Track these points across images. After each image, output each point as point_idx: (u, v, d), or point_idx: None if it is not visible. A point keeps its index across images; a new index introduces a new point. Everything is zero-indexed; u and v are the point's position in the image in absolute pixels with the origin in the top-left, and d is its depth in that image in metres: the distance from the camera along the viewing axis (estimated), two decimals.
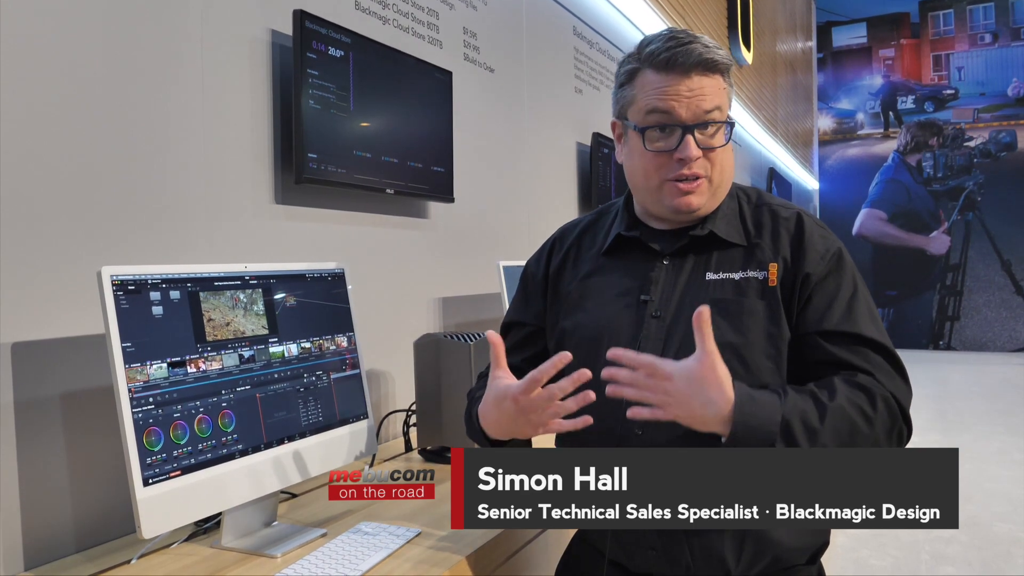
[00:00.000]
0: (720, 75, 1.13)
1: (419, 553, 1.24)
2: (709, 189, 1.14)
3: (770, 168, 8.66)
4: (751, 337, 1.09)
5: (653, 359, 0.99)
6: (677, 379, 0.98)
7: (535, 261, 1.35)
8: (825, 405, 1.02)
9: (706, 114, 1.11)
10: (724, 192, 1.18)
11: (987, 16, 10.86)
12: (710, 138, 1.12)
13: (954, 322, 10.92)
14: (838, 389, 1.04)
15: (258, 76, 1.77)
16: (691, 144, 1.10)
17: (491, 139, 2.83)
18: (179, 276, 1.23)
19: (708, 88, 1.11)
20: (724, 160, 1.15)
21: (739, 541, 1.09)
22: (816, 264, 1.11)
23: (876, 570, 3.27)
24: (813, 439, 1.00)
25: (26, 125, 1.27)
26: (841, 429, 1.02)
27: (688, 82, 1.10)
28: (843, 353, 1.09)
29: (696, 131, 1.11)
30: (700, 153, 1.11)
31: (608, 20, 4.08)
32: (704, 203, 1.15)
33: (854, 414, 1.03)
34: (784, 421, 1.00)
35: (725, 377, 0.99)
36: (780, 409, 1.00)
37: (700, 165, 1.12)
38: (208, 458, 1.22)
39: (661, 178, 1.14)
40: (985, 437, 5.59)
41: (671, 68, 1.11)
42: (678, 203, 1.14)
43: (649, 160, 1.14)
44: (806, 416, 1.01)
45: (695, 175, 1.12)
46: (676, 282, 1.16)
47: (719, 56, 1.11)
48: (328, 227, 1.99)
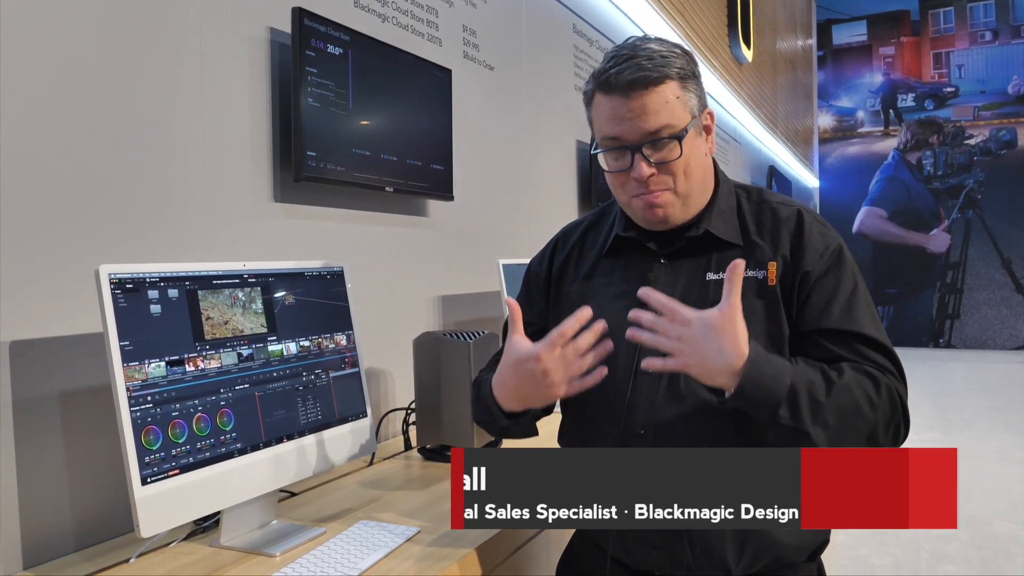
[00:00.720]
0: (668, 84, 1.09)
1: (418, 552, 1.24)
2: (677, 199, 1.13)
3: (770, 166, 8.66)
4: (751, 336, 1.09)
5: (676, 304, 1.01)
6: (695, 325, 0.99)
7: (538, 261, 1.35)
8: (833, 382, 1.03)
9: (651, 133, 1.09)
10: (701, 195, 1.17)
11: (987, 14, 10.85)
12: (662, 152, 1.11)
13: (954, 320, 10.92)
14: (846, 371, 1.05)
15: (257, 74, 1.76)
16: (640, 165, 1.10)
17: (491, 137, 2.83)
18: (177, 274, 1.23)
19: (652, 104, 1.08)
20: (689, 167, 1.12)
21: (740, 540, 1.09)
22: (815, 262, 1.11)
23: (876, 568, 3.27)
24: (816, 410, 1.00)
25: (24, 123, 1.27)
26: (844, 407, 1.02)
27: (629, 103, 1.09)
28: (843, 352, 1.09)
29: (645, 149, 1.10)
30: (651, 171, 1.10)
31: (608, 18, 4.07)
32: (676, 213, 1.14)
33: (859, 396, 1.03)
34: (792, 387, 1.00)
35: (743, 331, 1.00)
36: (791, 374, 1.01)
37: (658, 181, 1.12)
38: (207, 457, 1.21)
39: (627, 196, 1.16)
40: (985, 435, 5.59)
41: (612, 90, 1.10)
42: (647, 216, 1.15)
43: (613, 180, 1.17)
44: (813, 387, 1.01)
45: (655, 190, 1.12)
46: (675, 283, 1.16)
47: (656, 71, 1.08)
48: (327, 225, 1.99)
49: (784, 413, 0.99)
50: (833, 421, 1.01)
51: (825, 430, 1.01)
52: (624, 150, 1.12)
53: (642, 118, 1.09)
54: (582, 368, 1.06)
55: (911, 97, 11.35)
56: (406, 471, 1.75)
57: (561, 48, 3.48)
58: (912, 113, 11.34)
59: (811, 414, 1.00)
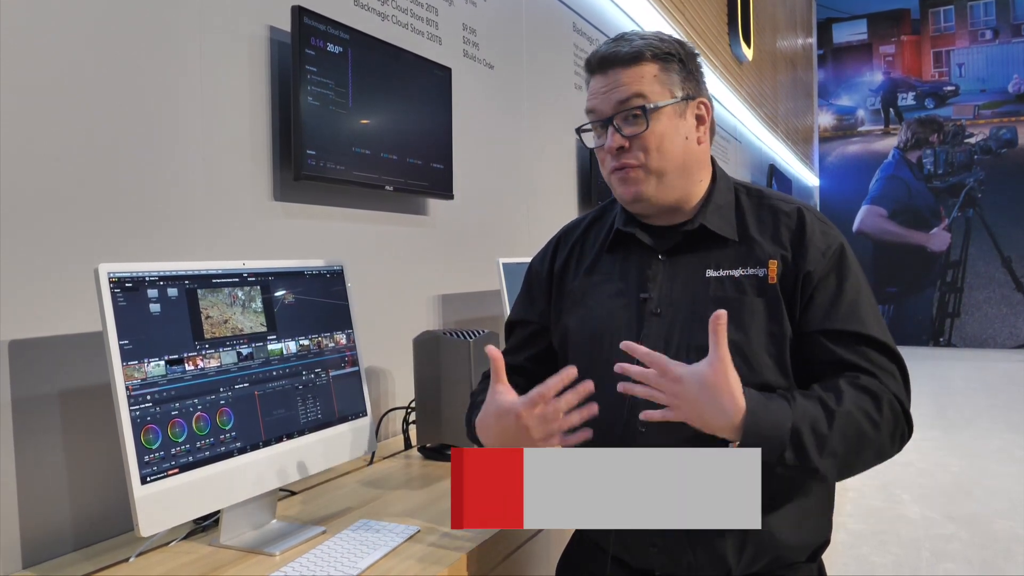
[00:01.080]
0: (645, 64, 1.13)
1: (418, 551, 1.24)
2: (648, 176, 1.14)
3: (770, 165, 8.65)
4: (752, 335, 1.09)
5: (664, 359, 0.99)
6: (687, 383, 0.97)
7: (539, 260, 1.35)
8: (833, 411, 1.01)
9: (619, 104, 1.13)
10: (677, 177, 1.15)
11: (988, 12, 10.85)
12: (632, 126, 1.13)
13: (954, 319, 10.92)
14: (845, 393, 1.03)
15: (256, 73, 1.76)
16: (609, 134, 1.14)
17: (491, 136, 2.83)
18: (177, 273, 1.23)
19: (626, 78, 1.13)
20: (659, 144, 1.13)
21: (740, 539, 1.09)
22: (817, 262, 1.10)
23: (877, 567, 3.27)
24: (822, 445, 1.00)
25: (23, 122, 1.27)
26: (849, 434, 1.01)
27: (604, 79, 1.15)
28: (846, 354, 1.08)
29: (616, 120, 1.13)
30: (622, 142, 1.13)
31: (608, 17, 4.07)
32: (648, 190, 1.14)
33: (861, 419, 1.02)
34: (794, 428, 0.99)
35: (736, 384, 0.98)
36: (791, 416, 0.99)
37: (631, 155, 1.14)
38: (206, 456, 1.21)
39: (607, 173, 1.18)
40: (985, 434, 5.59)
41: (594, 70, 1.17)
42: (621, 192, 1.17)
43: (598, 157, 1.20)
44: (816, 423, 1.00)
45: (624, 165, 1.14)
46: (675, 279, 1.15)
47: (628, 48, 1.13)
48: (327, 224, 1.99)
49: (789, 456, 0.99)
50: (840, 450, 1.01)
51: (833, 460, 1.01)
52: (600, 125, 1.16)
53: (614, 90, 1.13)
54: (563, 427, 1.04)
55: (911, 96, 11.35)
56: (406, 470, 1.75)
57: (561, 47, 3.48)
58: (912, 112, 11.34)
59: (817, 450, 1.00)
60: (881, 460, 1.07)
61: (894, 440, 1.06)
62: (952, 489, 4.31)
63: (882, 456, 1.06)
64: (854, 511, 3.96)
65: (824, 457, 1.00)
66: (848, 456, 1.02)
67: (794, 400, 1.02)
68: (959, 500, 4.11)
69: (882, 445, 1.05)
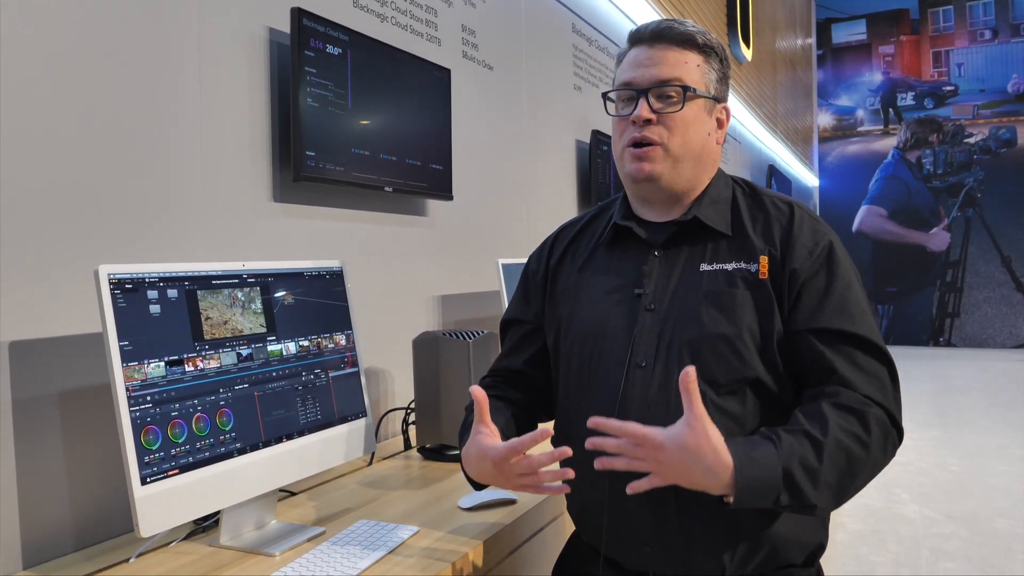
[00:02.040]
0: (691, 51, 1.15)
1: (417, 551, 1.24)
2: (666, 157, 1.14)
3: (770, 165, 8.66)
4: (743, 328, 1.08)
5: (638, 428, 0.94)
6: (669, 448, 0.93)
7: (536, 258, 1.35)
8: (821, 442, 0.99)
9: (661, 81, 1.13)
10: (694, 168, 1.16)
11: (987, 12, 10.85)
12: (666, 104, 1.14)
13: (954, 318, 10.92)
14: (829, 420, 1.01)
15: (256, 74, 1.77)
16: (642, 105, 1.13)
17: (490, 137, 2.83)
18: (176, 274, 1.23)
19: (670, 58, 1.14)
20: (685, 129, 1.14)
21: (734, 538, 1.09)
22: (803, 260, 1.10)
23: (876, 567, 3.27)
24: (815, 479, 0.99)
25: (23, 123, 1.27)
26: (839, 461, 1.00)
27: (649, 51, 1.15)
28: (832, 356, 1.06)
29: (650, 95, 1.13)
30: (650, 116, 1.13)
31: (607, 17, 4.07)
32: (663, 172, 1.14)
33: (849, 443, 1.01)
34: (785, 472, 0.97)
35: (718, 441, 0.95)
36: (779, 461, 0.97)
37: (654, 131, 1.13)
38: (206, 457, 1.22)
39: (623, 144, 1.17)
40: (985, 433, 5.59)
41: (639, 41, 1.17)
42: (632, 169, 1.16)
43: (615, 128, 1.19)
44: (805, 460, 0.99)
45: (646, 139, 1.14)
46: (670, 275, 1.16)
47: (682, 30, 1.14)
48: (326, 225, 1.99)
49: (785, 498, 0.98)
50: (834, 480, 1.00)
51: (829, 491, 1.00)
52: (633, 95, 1.15)
53: (657, 66, 1.14)
54: (537, 483, 1.04)
55: (911, 96, 11.35)
56: (405, 471, 1.75)
57: (560, 48, 3.48)
58: (912, 112, 11.34)
59: (811, 486, 0.98)
60: (874, 475, 1.06)
61: (886, 452, 1.05)
62: (952, 488, 4.32)
63: (876, 471, 1.05)
64: (853, 511, 3.96)
65: (819, 491, 0.99)
66: (843, 483, 1.01)
67: (779, 440, 0.99)
68: (959, 499, 4.12)
69: (875, 462, 1.04)
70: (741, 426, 1.07)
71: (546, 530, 1.54)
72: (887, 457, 1.06)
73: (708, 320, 1.09)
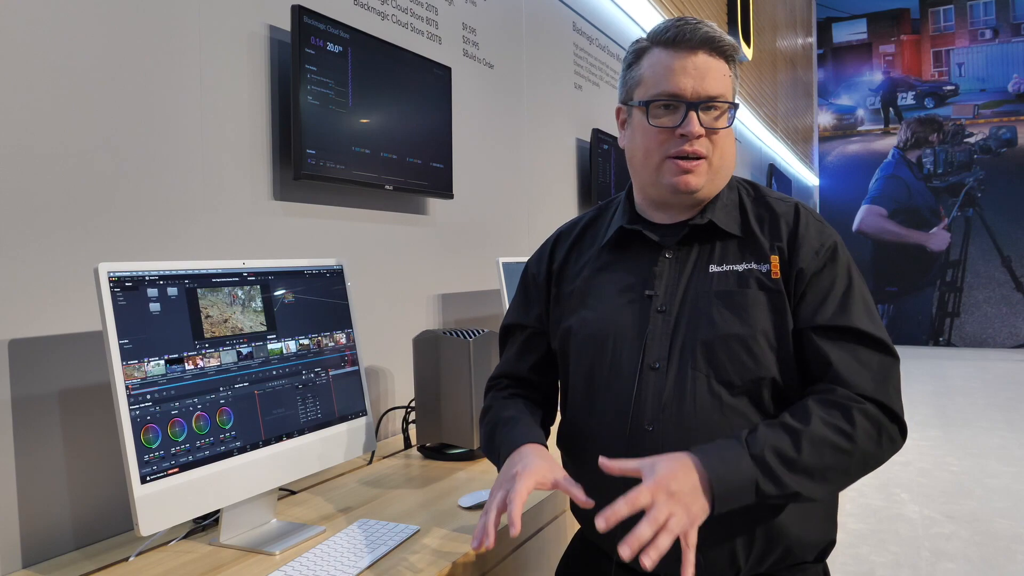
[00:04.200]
0: (725, 61, 1.14)
1: (418, 550, 1.24)
2: (709, 171, 1.14)
3: (770, 164, 8.65)
4: (756, 328, 1.08)
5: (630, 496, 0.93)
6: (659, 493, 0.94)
7: (536, 262, 1.34)
8: (799, 432, 1.00)
9: (711, 97, 1.12)
10: (724, 178, 1.18)
11: (988, 12, 10.84)
12: (714, 119, 1.13)
13: (954, 318, 10.92)
14: (812, 412, 1.02)
15: (256, 72, 1.76)
16: (694, 120, 1.11)
17: (490, 135, 2.83)
18: (177, 273, 1.23)
19: (716, 70, 1.12)
20: (726, 144, 1.15)
21: (749, 536, 1.08)
22: (810, 259, 1.10)
23: (876, 566, 3.27)
24: (792, 467, 0.99)
25: (22, 120, 1.27)
26: (822, 451, 1.00)
27: (694, 59, 1.12)
28: (830, 350, 1.07)
29: (700, 109, 1.11)
30: (703, 131, 1.11)
31: (608, 16, 4.07)
32: (703, 185, 1.14)
33: (830, 433, 1.01)
34: (756, 458, 0.98)
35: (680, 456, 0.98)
36: (746, 451, 0.99)
37: (702, 144, 1.12)
38: (206, 455, 1.21)
39: (662, 155, 1.14)
40: (985, 433, 5.59)
41: (678, 45, 1.12)
42: (677, 181, 1.13)
43: (652, 136, 1.14)
44: (780, 448, 0.99)
45: (696, 153, 1.12)
46: (680, 275, 1.15)
47: (726, 39, 1.13)
48: (327, 223, 1.99)
49: (765, 485, 0.98)
50: (814, 466, 1.00)
51: (809, 477, 1.00)
52: (680, 104, 1.12)
53: (707, 79, 1.11)
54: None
55: (911, 95, 11.35)
56: (406, 470, 1.75)
57: (561, 46, 3.48)
58: (912, 111, 11.34)
59: (787, 471, 0.98)
60: (870, 467, 1.05)
61: (879, 444, 1.04)
62: (952, 488, 4.32)
63: (868, 463, 1.05)
64: (854, 510, 3.96)
65: (798, 476, 0.99)
66: (826, 471, 1.01)
67: (751, 433, 1.01)
68: (959, 499, 4.12)
69: (864, 454, 1.03)
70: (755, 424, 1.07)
71: (547, 529, 1.54)
72: (882, 450, 1.05)
73: (720, 321, 1.08)
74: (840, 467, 1.02)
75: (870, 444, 1.03)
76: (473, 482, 1.62)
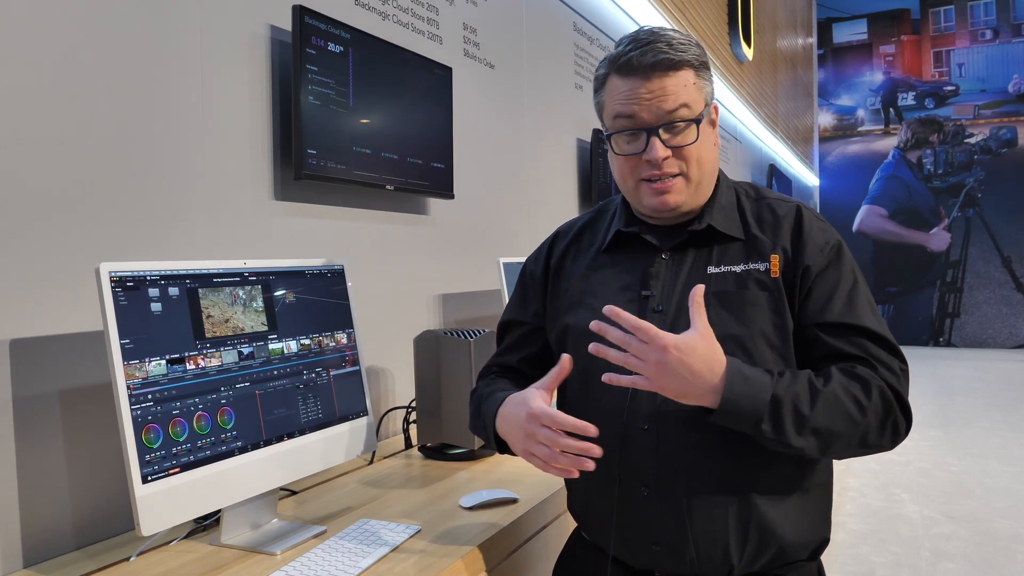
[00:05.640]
0: (686, 70, 1.11)
1: (419, 550, 1.24)
2: (688, 186, 1.13)
3: (770, 164, 8.65)
4: (754, 328, 1.09)
5: (651, 328, 0.98)
6: (674, 351, 0.97)
7: (534, 260, 1.35)
8: (818, 391, 1.02)
9: (669, 114, 1.10)
10: (709, 186, 1.17)
11: (988, 12, 10.84)
12: (678, 136, 1.12)
13: (954, 319, 10.92)
14: (834, 377, 1.04)
15: (257, 72, 1.76)
16: (656, 145, 1.10)
17: (491, 136, 2.83)
18: (178, 272, 1.23)
19: (670, 87, 1.10)
20: (701, 155, 1.13)
21: (743, 535, 1.09)
22: (816, 256, 1.11)
23: (876, 566, 3.27)
24: (801, 424, 1.00)
25: (23, 120, 1.27)
26: (833, 414, 1.01)
27: (648, 84, 1.10)
28: (843, 345, 1.08)
29: (661, 131, 1.10)
30: (667, 153, 1.11)
31: (608, 16, 4.07)
32: (684, 200, 1.14)
33: (846, 400, 1.02)
34: (774, 399, 1.00)
35: (721, 353, 1.01)
36: (771, 388, 1.01)
37: (672, 164, 1.12)
38: (207, 455, 1.21)
39: (636, 179, 1.15)
40: (985, 433, 5.59)
41: (631, 72, 1.11)
42: (655, 202, 1.14)
43: (623, 163, 1.16)
44: (797, 399, 1.01)
45: (666, 175, 1.12)
46: (677, 276, 1.16)
47: (677, 55, 1.09)
48: (328, 223, 1.99)
49: (767, 427, 1.00)
50: (823, 428, 1.01)
51: (816, 438, 1.01)
52: (639, 132, 1.12)
53: (661, 99, 1.10)
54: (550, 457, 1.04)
55: (911, 96, 11.35)
56: (406, 470, 1.75)
57: (562, 46, 3.48)
58: (912, 112, 11.33)
59: (795, 426, 1.00)
60: (868, 447, 1.06)
61: (884, 428, 1.05)
62: (952, 488, 4.32)
63: (867, 442, 1.05)
64: (854, 510, 3.96)
65: (801, 435, 1.01)
66: (830, 436, 1.02)
67: (780, 375, 1.03)
68: (959, 499, 4.12)
69: (867, 429, 1.04)
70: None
71: (547, 529, 1.54)
72: (885, 435, 1.06)
73: (717, 321, 1.08)
74: (844, 436, 1.03)
75: (876, 423, 1.05)
76: (474, 482, 1.63)
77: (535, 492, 1.52)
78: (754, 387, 1.00)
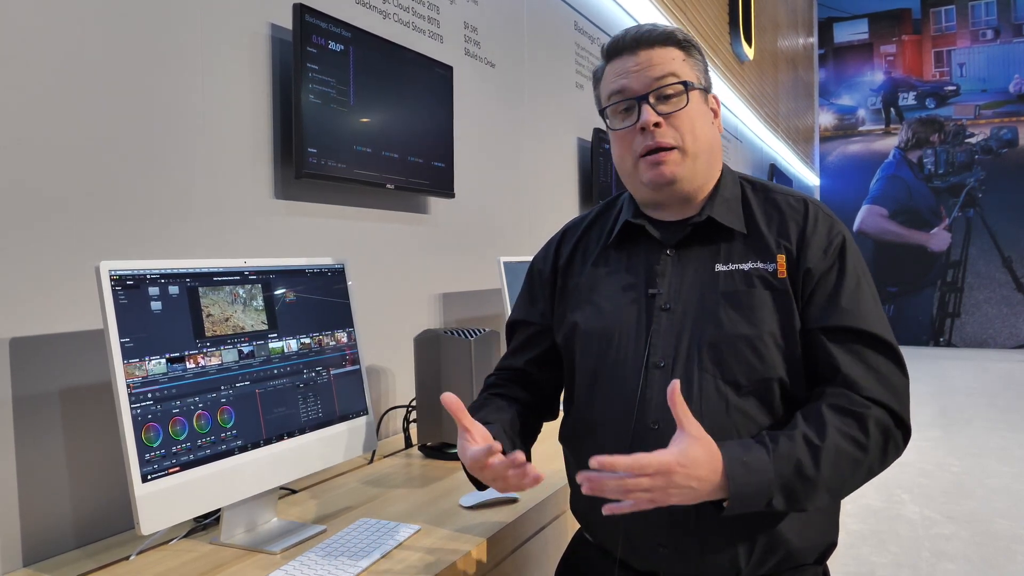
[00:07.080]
0: (672, 47, 1.14)
1: (418, 549, 1.24)
2: (684, 158, 1.13)
3: (771, 164, 8.65)
4: (763, 329, 1.08)
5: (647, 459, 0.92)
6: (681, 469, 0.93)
7: (542, 259, 1.33)
8: (818, 448, 1.00)
9: (656, 80, 1.12)
10: (707, 163, 1.16)
11: (989, 12, 10.84)
12: (669, 104, 1.13)
13: (954, 319, 10.91)
14: (828, 423, 1.02)
15: (258, 70, 1.76)
16: (647, 110, 1.12)
17: (492, 134, 2.82)
18: (178, 271, 1.23)
19: (657, 58, 1.13)
20: (696, 126, 1.13)
21: (750, 538, 1.08)
22: (818, 259, 1.10)
23: (876, 567, 3.27)
24: (810, 488, 1.00)
25: (24, 119, 1.27)
26: (838, 464, 1.01)
27: (635, 57, 1.14)
28: (839, 353, 1.06)
29: (651, 98, 1.12)
30: (658, 118, 1.11)
31: (609, 15, 4.06)
32: (682, 173, 1.13)
33: (847, 445, 1.01)
34: (778, 476, 0.98)
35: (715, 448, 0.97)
36: (771, 464, 0.98)
37: (666, 134, 1.12)
38: (207, 454, 1.21)
39: (634, 156, 1.15)
40: (986, 433, 5.59)
41: (619, 52, 1.16)
42: (652, 176, 1.13)
43: (620, 141, 1.17)
44: (800, 466, 0.99)
45: (662, 145, 1.12)
46: (684, 274, 1.15)
47: (659, 30, 1.15)
48: (328, 222, 1.99)
49: (779, 503, 0.99)
50: (832, 484, 1.01)
51: (828, 493, 1.01)
52: (631, 103, 1.13)
53: (648, 68, 1.13)
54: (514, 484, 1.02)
55: (912, 95, 11.34)
56: (407, 469, 1.75)
57: (562, 46, 3.48)
58: (913, 111, 11.33)
59: (805, 492, 1.00)
60: (871, 478, 1.06)
61: (886, 453, 1.05)
62: (952, 488, 4.32)
63: (872, 474, 1.06)
64: (854, 511, 3.96)
65: (816, 497, 1.00)
66: (839, 487, 1.02)
67: (775, 445, 1.00)
68: (959, 499, 4.11)
69: (871, 464, 1.04)
70: (761, 428, 1.07)
71: (548, 529, 1.54)
72: (887, 458, 1.06)
73: (727, 321, 1.08)
74: (852, 480, 1.03)
75: (877, 453, 1.04)
76: None
77: (535, 492, 1.52)
78: (755, 472, 0.97)
